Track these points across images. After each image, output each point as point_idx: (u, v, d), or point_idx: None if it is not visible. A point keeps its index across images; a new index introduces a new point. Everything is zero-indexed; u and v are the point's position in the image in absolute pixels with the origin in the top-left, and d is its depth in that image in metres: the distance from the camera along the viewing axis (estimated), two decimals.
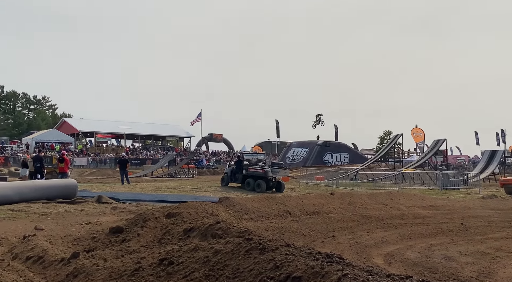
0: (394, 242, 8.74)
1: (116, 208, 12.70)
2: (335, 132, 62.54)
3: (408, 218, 11.31)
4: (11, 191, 13.49)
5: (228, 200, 10.74)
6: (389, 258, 7.46)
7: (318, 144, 48.90)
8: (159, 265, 4.60)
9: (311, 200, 12.33)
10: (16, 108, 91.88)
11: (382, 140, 78.22)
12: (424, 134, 42.60)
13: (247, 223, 9.13)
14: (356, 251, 7.84)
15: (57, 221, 10.36)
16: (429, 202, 14.52)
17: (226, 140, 69.64)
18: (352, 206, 12.25)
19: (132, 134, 63.83)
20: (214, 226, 6.18)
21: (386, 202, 13.26)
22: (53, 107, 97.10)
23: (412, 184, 25.90)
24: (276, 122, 65.41)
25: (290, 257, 3.93)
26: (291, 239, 7.79)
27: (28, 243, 6.74)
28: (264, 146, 67.04)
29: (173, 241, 6.36)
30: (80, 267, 5.19)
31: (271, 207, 10.90)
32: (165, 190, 19.66)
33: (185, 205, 8.88)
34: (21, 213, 11.46)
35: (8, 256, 6.40)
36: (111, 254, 5.99)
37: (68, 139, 56.11)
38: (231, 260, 4.24)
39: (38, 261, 5.88)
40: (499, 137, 64.68)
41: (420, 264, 7.11)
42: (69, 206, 12.84)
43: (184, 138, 70.14)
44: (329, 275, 3.38)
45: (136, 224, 7.55)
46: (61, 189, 14.72)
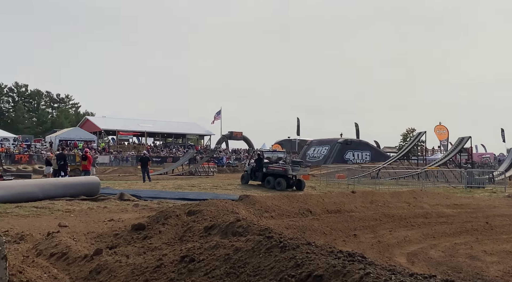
0: (417, 241, 8.62)
1: (138, 205, 12.82)
2: (356, 129, 62.01)
3: (432, 217, 11.13)
4: (35, 188, 13.75)
5: (248, 198, 10.73)
6: (412, 257, 7.36)
7: (339, 142, 48.54)
8: (181, 262, 4.62)
9: (332, 198, 12.24)
10: (40, 107, 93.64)
11: (405, 137, 77.12)
12: (448, 132, 41.92)
13: (268, 221, 9.11)
14: (378, 250, 7.75)
15: (80, 218, 10.51)
16: (453, 200, 14.29)
17: (246, 138, 69.66)
18: (374, 205, 12.12)
19: (153, 132, 64.37)
20: (235, 224, 6.19)
21: (409, 201, 13.08)
22: (76, 106, 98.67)
23: (436, 183, 25.54)
24: (297, 120, 65.24)
25: (311, 255, 3.90)
26: (311, 237, 7.75)
27: (52, 240, 6.84)
28: (284, 144, 66.75)
29: (194, 238, 6.39)
30: (103, 263, 5.25)
31: (292, 205, 10.85)
32: (186, 187, 19.78)
33: (206, 202, 8.91)
34: (45, 210, 11.65)
35: (32, 253, 6.51)
36: (133, 251, 6.04)
37: (91, 137, 56.85)
38: (251, 258, 4.23)
39: (62, 258, 5.96)
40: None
41: (444, 264, 7.00)
42: (92, 203, 13.01)
43: (204, 136, 70.43)
44: (351, 274, 3.34)
45: (157, 221, 7.61)
46: (84, 186, 14.93)
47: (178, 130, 67.27)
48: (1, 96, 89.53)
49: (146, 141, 63.77)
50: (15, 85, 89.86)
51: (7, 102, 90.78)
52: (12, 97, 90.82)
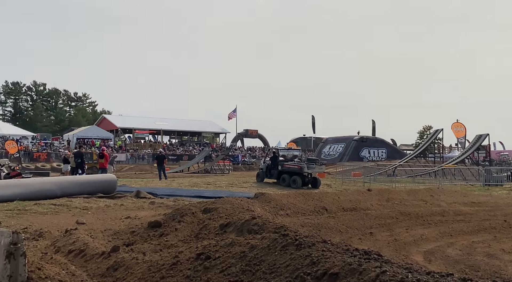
0: (434, 239, 8.54)
1: (154, 203, 12.91)
2: (373, 127, 61.63)
3: (449, 215, 11.01)
4: (53, 186, 13.93)
5: (263, 196, 10.73)
6: (429, 256, 7.29)
7: (355, 140, 48.27)
8: (197, 259, 4.64)
9: (347, 196, 12.18)
10: (58, 105, 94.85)
11: (422, 135, 76.46)
12: (466, 129, 41.36)
13: (283, 219, 9.10)
14: (394, 248, 7.70)
15: (97, 216, 10.61)
16: (471, 198, 14.11)
17: (261, 136, 69.67)
18: (390, 203, 12.04)
19: (169, 130, 64.74)
20: (250, 222, 6.19)
21: (426, 199, 12.96)
22: (93, 104, 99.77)
23: (453, 181, 25.23)
24: (312, 118, 65.05)
25: (327, 253, 3.89)
26: (327, 235, 7.72)
27: (70, 237, 6.92)
28: (300, 141, 66.62)
29: (209, 236, 6.42)
30: (120, 260, 5.30)
31: (307, 203, 10.82)
32: (201, 185, 19.86)
33: (221, 200, 8.94)
34: (63, 207, 11.80)
35: (51, 250, 6.59)
36: (149, 248, 6.09)
37: (108, 135, 57.38)
38: (267, 256, 4.23)
39: (80, 255, 6.03)
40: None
41: (462, 262, 6.92)
42: (109, 201, 13.14)
43: (220, 134, 70.65)
44: (367, 272, 3.32)
45: (173, 219, 7.66)
46: (101, 184, 15.08)
47: (194, 128, 67.57)
48: (20, 95, 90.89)
49: (162, 139, 64.21)
50: (33, 84, 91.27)
51: (26, 101, 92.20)
52: (31, 96, 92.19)
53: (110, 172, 26.57)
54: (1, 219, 9.44)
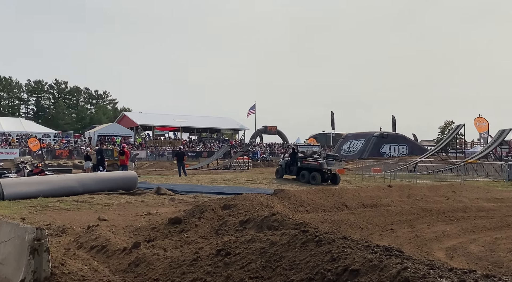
0: (456, 236, 8.44)
1: (174, 199, 13.00)
2: (393, 123, 60.97)
3: (471, 211, 10.86)
4: (76, 183, 14.14)
5: (283, 192, 10.72)
6: (451, 252, 7.20)
7: (375, 136, 47.84)
8: (217, 255, 4.66)
9: (368, 192, 12.10)
10: (79, 103, 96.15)
11: (443, 130, 75.46)
12: (489, 124, 40.66)
13: (303, 215, 9.09)
14: (416, 244, 7.63)
15: (118, 212, 10.74)
16: (493, 194, 13.89)
17: (280, 132, 69.48)
18: (411, 199, 11.92)
19: (188, 127, 65.04)
20: (270, 218, 6.20)
21: (448, 195, 12.80)
22: (113, 102, 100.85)
23: (475, 176, 24.86)
24: (331, 113, 64.67)
25: (347, 249, 3.87)
26: (347, 232, 7.69)
27: (92, 233, 7.02)
28: (319, 138, 66.25)
29: (229, 232, 6.44)
30: (141, 256, 5.35)
31: (327, 199, 10.78)
32: (221, 182, 19.93)
33: (241, 197, 8.96)
34: (85, 204, 11.97)
35: (73, 246, 6.70)
36: (170, 244, 6.14)
37: (128, 132, 57.92)
38: (287, 252, 4.23)
39: (102, 250, 6.12)
40: None
41: (484, 258, 6.83)
42: (130, 197, 13.28)
43: (239, 131, 70.74)
44: (388, 268, 3.30)
45: (193, 215, 7.71)
46: (122, 181, 15.25)
47: (213, 125, 67.77)
48: (42, 93, 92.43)
49: (181, 136, 64.57)
50: (55, 82, 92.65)
51: (48, 99, 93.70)
52: (53, 94, 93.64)
53: (131, 169, 26.89)
54: (24, 216, 9.63)
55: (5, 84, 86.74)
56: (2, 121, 53.08)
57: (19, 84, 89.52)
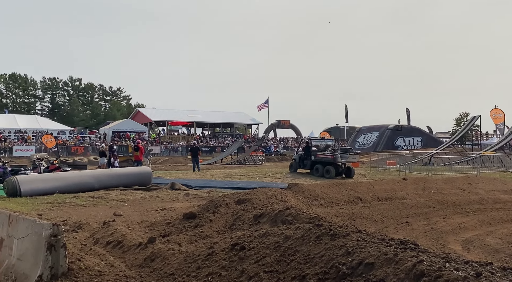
0: (472, 228, 8.36)
1: (189, 194, 13.06)
2: (407, 115, 60.46)
3: (488, 203, 10.75)
4: (91, 179, 14.28)
5: (297, 186, 10.71)
6: (468, 245, 7.14)
7: (389, 129, 47.45)
8: (231, 250, 4.68)
9: (382, 185, 12.03)
10: (94, 100, 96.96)
11: (459, 122, 74.56)
12: (505, 115, 40.08)
13: (317, 209, 9.08)
14: (431, 237, 7.58)
15: (134, 207, 10.82)
16: (510, 186, 13.72)
17: (294, 126, 69.42)
18: (426, 192, 11.82)
19: (202, 122, 65.24)
20: (284, 212, 6.19)
21: (464, 187, 12.67)
22: (127, 98, 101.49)
23: (491, 168, 24.54)
24: (345, 107, 64.35)
25: (362, 243, 3.86)
26: (362, 225, 7.66)
27: (108, 229, 7.08)
28: (333, 131, 65.99)
29: (244, 226, 6.45)
30: (156, 251, 5.39)
31: (341, 193, 10.75)
32: (235, 176, 19.97)
33: (255, 191, 8.96)
34: (101, 199, 12.08)
35: (90, 241, 6.76)
36: (185, 239, 6.16)
37: (142, 128, 58.26)
38: (301, 246, 4.23)
39: (118, 246, 6.17)
40: None
41: (502, 251, 6.76)
42: (144, 193, 13.37)
43: (252, 125, 70.76)
44: (403, 261, 3.28)
45: (208, 210, 7.73)
46: (137, 176, 15.36)
47: (226, 120, 67.85)
48: (57, 90, 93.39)
49: (195, 131, 64.79)
50: (69, 79, 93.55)
51: (63, 96, 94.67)
52: (67, 91, 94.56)
53: (146, 164, 27.08)
54: (41, 212, 9.75)
55: (21, 82, 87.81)
56: (18, 118, 53.78)
57: (34, 82, 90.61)
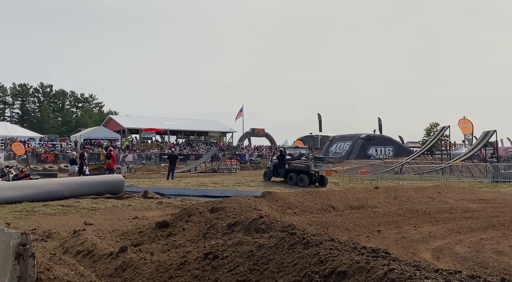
0: (442, 237, 8.51)
1: (162, 203, 12.94)
2: (379, 125, 61.40)
3: (457, 212, 10.97)
4: (61, 187, 14.00)
5: (271, 195, 10.74)
6: (437, 253, 7.26)
7: (362, 138, 48.11)
8: (204, 259, 4.65)
9: (355, 194, 12.17)
10: (65, 106, 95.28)
11: (429, 132, 76.08)
12: (473, 126, 41.12)
13: (290, 217, 9.11)
14: (402, 246, 7.68)
15: (105, 216, 10.66)
16: (478, 195, 14.05)
17: (268, 134, 69.60)
18: (397, 200, 12.01)
19: (176, 130, 64.83)
20: (258, 221, 6.19)
21: (434, 196, 12.92)
22: (99, 105, 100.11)
23: (460, 177, 25.13)
24: (318, 116, 64.86)
25: (335, 252, 3.89)
26: (335, 233, 7.72)
27: (78, 238, 6.96)
28: (306, 140, 66.45)
29: (217, 235, 6.43)
30: (128, 261, 5.32)
31: (314, 201, 10.83)
32: (209, 185, 19.88)
33: (229, 200, 8.95)
34: (71, 208, 11.85)
35: (59, 250, 6.63)
36: (157, 248, 6.11)
37: (115, 136, 57.52)
38: (275, 255, 4.24)
39: (88, 255, 6.06)
40: None
41: (470, 259, 6.89)
42: (116, 201, 13.19)
43: (227, 133, 70.68)
44: (375, 270, 3.32)
45: (181, 218, 7.67)
46: (109, 184, 15.13)
47: (200, 128, 67.62)
48: (27, 97, 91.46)
49: (169, 139, 64.32)
50: (40, 85, 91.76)
51: (33, 103, 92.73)
52: (38, 97, 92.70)
53: (123, 172, 26.85)
54: (10, 221, 9.51)
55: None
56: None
57: (4, 88, 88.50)
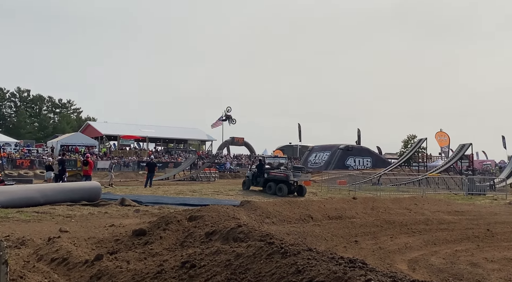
0: (418, 248, 8.61)
1: (139, 210, 12.82)
2: (358, 136, 62.08)
3: (433, 224, 11.12)
4: (36, 193, 13.76)
5: (249, 204, 10.72)
6: (413, 264, 7.34)
7: (340, 148, 48.55)
8: (181, 268, 4.61)
9: (333, 204, 12.24)
10: (42, 112, 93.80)
11: (406, 144, 77.14)
12: (449, 138, 41.90)
13: (269, 227, 9.10)
14: (379, 256, 7.74)
15: (81, 223, 10.51)
16: (454, 207, 14.27)
17: (248, 143, 69.65)
18: (375, 211, 12.12)
19: (155, 137, 64.40)
20: (236, 230, 6.18)
21: (410, 207, 13.07)
22: (77, 111, 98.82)
23: (436, 189, 25.50)
24: (298, 126, 65.29)
25: (312, 261, 3.90)
26: (313, 243, 7.74)
27: (53, 245, 6.84)
28: (286, 149, 66.76)
29: (195, 244, 6.38)
30: (103, 269, 5.24)
31: (293, 211, 10.85)
32: (187, 193, 19.77)
33: (207, 208, 8.91)
34: (46, 215, 11.65)
35: (33, 258, 6.50)
36: (134, 256, 6.03)
37: (92, 142, 56.84)
38: (252, 264, 4.23)
39: (63, 263, 5.96)
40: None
41: (445, 271, 6.98)
42: (93, 209, 13.02)
43: (206, 142, 70.51)
44: (352, 280, 3.34)
45: (158, 227, 7.60)
46: (85, 191, 14.93)
47: (180, 136, 67.32)
48: (3, 101, 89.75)
49: (147, 146, 63.82)
50: (17, 90, 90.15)
51: (9, 107, 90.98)
52: (14, 102, 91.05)
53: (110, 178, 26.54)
54: None
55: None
56: None
57: None
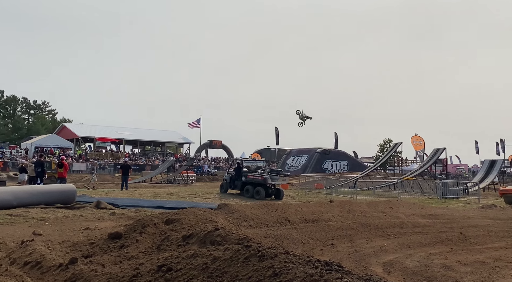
0: (393, 251, 8.72)
1: (115, 213, 12.66)
2: (335, 139, 62.61)
3: (407, 227, 11.28)
4: (9, 195, 13.46)
5: (227, 207, 10.71)
6: (388, 267, 7.43)
7: (318, 152, 48.88)
8: (158, 271, 4.58)
9: (310, 207, 12.31)
10: (16, 113, 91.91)
11: (382, 148, 78.13)
12: (424, 143, 42.63)
13: (246, 230, 9.10)
14: (355, 259, 7.81)
15: (55, 227, 10.33)
16: (428, 211, 14.48)
17: (226, 146, 69.64)
18: (351, 214, 12.22)
19: (132, 139, 63.83)
20: (213, 233, 6.17)
21: (386, 211, 13.23)
22: (53, 112, 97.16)
23: (411, 193, 25.86)
24: (276, 129, 65.45)
25: (289, 264, 3.92)
26: (290, 246, 7.77)
27: (26, 248, 6.71)
28: (264, 153, 67.00)
29: (171, 247, 6.35)
30: (78, 272, 5.17)
31: (270, 214, 10.87)
32: (164, 196, 19.61)
33: (184, 211, 8.86)
34: (19, 218, 11.42)
35: (6, 261, 6.37)
36: (109, 260, 5.96)
37: (68, 144, 56.04)
38: (229, 267, 4.23)
39: (36, 267, 5.86)
40: (498, 146, 64.98)
41: (419, 273, 7.08)
42: (67, 212, 12.81)
43: (184, 144, 70.17)
44: None
45: (134, 230, 7.53)
46: (60, 194, 14.68)
47: (157, 138, 66.89)
48: None
49: (124, 148, 63.18)
50: None
51: None
52: None
53: (92, 181, 26.18)
54: None
55: None
56: None
57: None
